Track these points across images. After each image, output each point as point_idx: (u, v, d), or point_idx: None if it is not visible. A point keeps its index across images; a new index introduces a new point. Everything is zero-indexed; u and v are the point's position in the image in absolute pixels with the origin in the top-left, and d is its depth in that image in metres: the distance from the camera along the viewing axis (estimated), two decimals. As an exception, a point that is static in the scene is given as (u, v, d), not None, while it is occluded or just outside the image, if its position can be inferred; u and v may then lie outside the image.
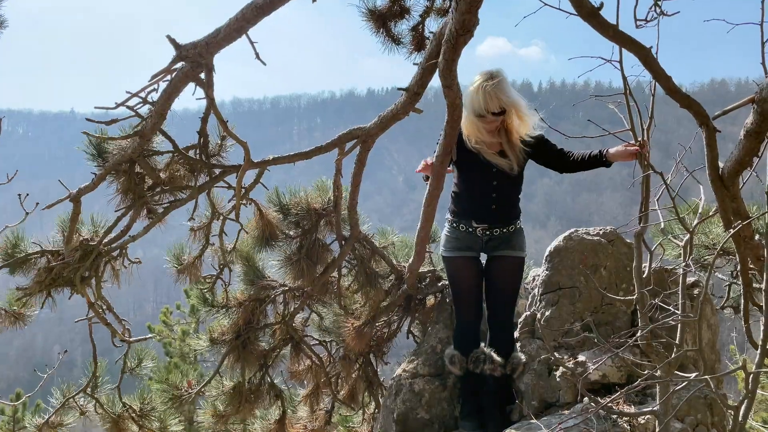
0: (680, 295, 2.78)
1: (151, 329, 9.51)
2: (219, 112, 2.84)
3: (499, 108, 2.81)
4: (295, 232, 3.30)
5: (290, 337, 3.48)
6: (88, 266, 2.97)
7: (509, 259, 3.11)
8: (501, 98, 2.79)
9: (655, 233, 3.54)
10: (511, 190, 3.07)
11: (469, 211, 3.08)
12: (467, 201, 3.09)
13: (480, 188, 3.04)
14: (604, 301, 3.65)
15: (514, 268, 3.14)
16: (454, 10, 2.12)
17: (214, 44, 2.73)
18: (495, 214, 3.05)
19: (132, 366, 3.37)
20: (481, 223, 3.05)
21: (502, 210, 3.05)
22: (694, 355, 3.29)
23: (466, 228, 3.08)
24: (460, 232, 3.11)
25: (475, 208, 3.07)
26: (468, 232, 3.08)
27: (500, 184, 3.01)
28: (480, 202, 3.05)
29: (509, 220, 3.08)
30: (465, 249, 3.12)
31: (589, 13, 1.88)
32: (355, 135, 3.18)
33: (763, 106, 2.16)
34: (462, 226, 3.09)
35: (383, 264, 3.55)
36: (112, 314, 3.17)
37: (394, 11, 3.46)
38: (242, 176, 3.00)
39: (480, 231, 3.06)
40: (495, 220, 3.05)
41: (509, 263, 3.12)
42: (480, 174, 3.01)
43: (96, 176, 2.92)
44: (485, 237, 3.07)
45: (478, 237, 3.08)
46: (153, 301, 63.15)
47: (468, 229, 3.07)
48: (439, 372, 3.51)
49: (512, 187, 3.07)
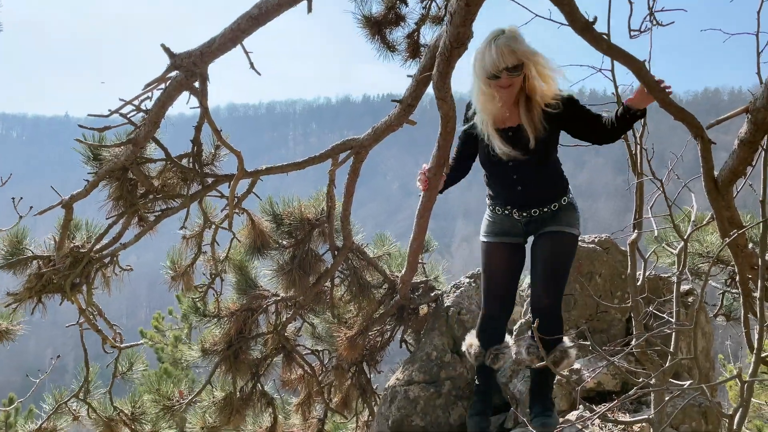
0: (675, 303, 2.79)
1: (143, 334, 9.47)
2: (213, 121, 2.83)
3: (516, 61, 2.40)
4: (288, 241, 3.29)
5: (282, 346, 3.46)
6: (79, 273, 2.95)
7: (552, 234, 2.68)
8: (516, 50, 2.39)
9: (650, 241, 3.55)
10: (539, 171, 2.65)
11: (500, 199, 2.75)
12: (494, 188, 2.77)
13: (502, 180, 2.71)
14: (599, 309, 3.66)
15: (558, 243, 2.68)
16: (449, 23, 2.12)
17: (208, 54, 2.73)
18: (527, 200, 2.68)
19: (123, 370, 3.35)
20: (514, 208, 2.72)
21: (532, 195, 2.68)
22: (688, 363, 3.30)
23: (502, 211, 2.75)
24: (497, 215, 2.78)
25: (505, 195, 2.73)
26: (505, 215, 2.75)
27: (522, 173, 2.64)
28: (507, 192, 2.71)
29: (546, 201, 2.68)
30: (501, 234, 2.77)
31: (583, 27, 1.88)
32: (349, 146, 3.17)
33: (757, 116, 2.17)
34: (498, 209, 2.77)
35: (376, 274, 3.53)
36: (103, 320, 3.14)
37: (390, 18, 3.47)
38: (235, 186, 2.99)
39: (516, 214, 2.72)
40: (528, 204, 2.69)
41: (552, 238, 2.68)
42: (498, 167, 2.66)
43: (88, 183, 2.90)
44: (523, 219, 2.72)
45: (516, 220, 2.73)
46: (146, 306, 62.88)
47: (504, 212, 2.74)
48: (434, 379, 3.51)
49: (539, 168, 2.64)
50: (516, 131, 2.61)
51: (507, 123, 2.61)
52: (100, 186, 2.93)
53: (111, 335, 3.17)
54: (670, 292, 3.17)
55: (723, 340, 4.59)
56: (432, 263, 3.86)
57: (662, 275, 3.74)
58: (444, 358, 3.56)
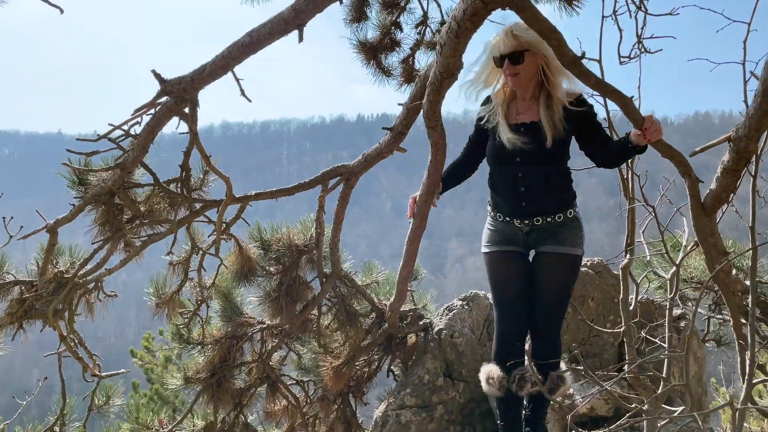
0: (667, 328, 2.78)
1: (133, 354, 9.32)
2: (202, 146, 2.82)
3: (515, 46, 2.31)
4: (275, 268, 3.26)
5: (267, 376, 3.40)
6: (62, 299, 2.90)
7: (554, 256, 2.53)
8: (520, 35, 2.30)
9: (641, 265, 3.55)
10: (545, 175, 2.49)
11: (501, 204, 2.61)
12: (498, 190, 2.62)
13: (506, 179, 2.55)
14: (592, 333, 3.64)
15: (561, 265, 2.53)
16: (439, 53, 2.15)
17: (199, 80, 2.74)
18: (529, 205, 2.52)
19: (99, 404, 3.25)
20: (516, 217, 2.56)
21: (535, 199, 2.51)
22: (681, 388, 3.27)
23: (503, 218, 2.60)
24: (498, 222, 2.63)
25: (506, 203, 2.58)
26: (506, 222, 2.59)
27: (528, 172, 2.48)
28: (510, 193, 2.55)
29: (549, 210, 2.52)
30: (504, 242, 2.61)
31: (571, 61, 1.92)
32: (339, 172, 3.17)
33: (739, 145, 2.20)
34: (499, 215, 2.61)
35: (364, 302, 3.50)
36: (83, 348, 3.07)
37: (385, 44, 3.51)
38: (223, 211, 2.97)
39: (518, 221, 2.55)
40: (531, 211, 2.53)
41: (554, 260, 2.53)
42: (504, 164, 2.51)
43: (74, 207, 2.87)
44: (525, 227, 2.55)
45: (517, 227, 2.57)
46: (135, 325, 62.08)
47: (506, 219, 2.59)
48: (426, 403, 3.46)
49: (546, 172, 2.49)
50: (529, 127, 2.47)
51: (521, 118, 2.49)
52: (86, 210, 2.90)
53: (91, 364, 3.10)
54: (662, 317, 3.17)
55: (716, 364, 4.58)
56: (420, 291, 3.83)
57: (654, 300, 3.74)
58: (436, 382, 3.52)
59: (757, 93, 2.07)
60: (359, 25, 3.55)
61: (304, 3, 2.57)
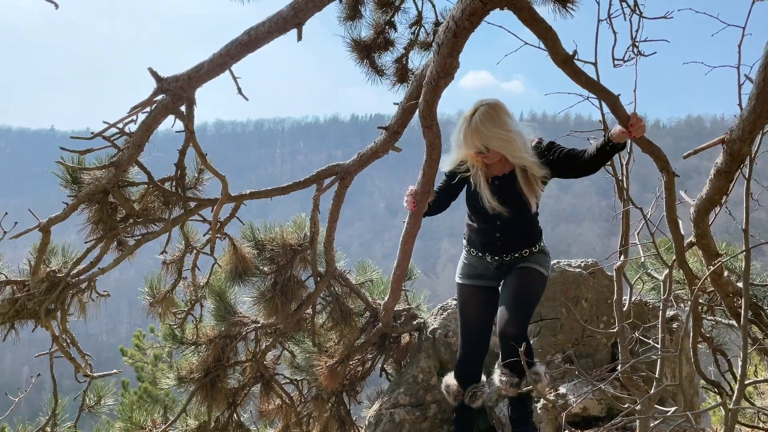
0: (660, 329, 2.79)
1: (123, 352, 9.28)
2: (198, 145, 2.80)
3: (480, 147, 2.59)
4: (269, 268, 3.24)
5: (261, 375, 3.39)
6: (54, 299, 2.87)
7: (522, 269, 2.81)
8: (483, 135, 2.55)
9: (633, 267, 3.57)
10: (518, 224, 2.80)
11: (476, 242, 2.90)
12: (473, 233, 2.91)
13: (484, 225, 2.83)
14: (585, 333, 3.65)
15: (527, 275, 2.79)
16: (436, 53, 2.15)
17: (196, 78, 2.72)
18: (502, 249, 2.82)
19: (90, 404, 3.22)
20: (488, 254, 2.86)
21: (509, 244, 2.82)
22: (673, 389, 3.29)
23: (476, 253, 2.90)
24: (471, 257, 2.94)
25: (482, 242, 2.87)
26: (479, 257, 2.89)
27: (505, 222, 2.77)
28: (485, 239, 2.85)
29: (520, 248, 2.82)
30: (476, 276, 2.92)
31: (564, 60, 1.95)
32: (334, 171, 3.16)
33: (733, 147, 2.22)
34: (473, 251, 2.91)
35: (358, 301, 3.49)
36: (75, 348, 3.04)
37: (379, 43, 3.50)
38: (218, 210, 2.95)
39: (489, 257, 2.86)
40: (503, 252, 2.83)
41: (521, 271, 2.80)
42: (483, 214, 2.79)
43: (67, 206, 2.84)
44: (495, 263, 2.86)
45: (488, 263, 2.88)
46: (127, 323, 61.75)
47: (478, 254, 2.89)
48: (420, 402, 3.46)
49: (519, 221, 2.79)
50: (502, 180, 2.76)
51: (493, 172, 2.76)
52: (79, 209, 2.87)
53: (83, 364, 3.07)
54: (656, 318, 3.18)
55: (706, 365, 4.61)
56: (414, 291, 3.84)
57: (647, 301, 3.76)
58: (430, 381, 3.53)
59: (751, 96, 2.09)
60: (353, 23, 3.54)
61: (303, 1, 2.55)
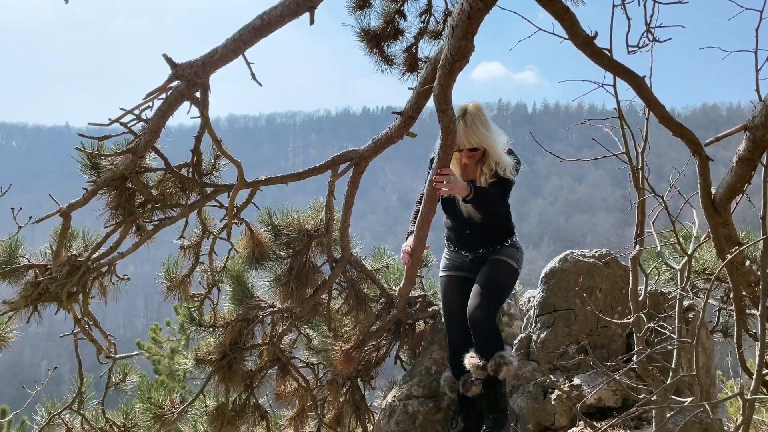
0: (677, 319, 2.76)
1: (140, 346, 9.40)
2: (213, 131, 2.83)
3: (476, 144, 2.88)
4: (285, 252, 3.27)
5: (277, 358, 3.42)
6: (76, 282, 2.93)
7: (493, 260, 3.10)
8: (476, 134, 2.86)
9: (649, 256, 3.53)
10: (489, 224, 3.09)
11: (453, 239, 3.22)
12: (450, 231, 3.23)
13: (459, 225, 3.13)
14: (600, 324, 3.63)
15: (496, 265, 3.08)
16: (450, 36, 2.13)
17: (210, 64, 2.74)
18: (474, 245, 3.14)
19: (116, 381, 3.31)
20: (462, 249, 3.19)
21: (479, 240, 3.12)
22: (689, 379, 3.26)
23: (454, 248, 3.22)
24: (451, 252, 3.25)
25: (457, 239, 3.19)
26: (456, 252, 3.22)
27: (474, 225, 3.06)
28: (459, 236, 3.16)
29: (490, 244, 3.13)
30: (454, 269, 3.22)
31: (584, 42, 1.90)
32: (349, 157, 3.17)
33: (755, 134, 2.17)
34: (452, 246, 3.24)
35: (374, 287, 3.51)
36: (98, 330, 3.10)
37: (388, 32, 3.48)
38: (235, 196, 2.98)
39: (464, 251, 3.18)
40: (475, 248, 3.15)
41: (492, 262, 3.09)
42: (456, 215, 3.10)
43: (87, 191, 2.89)
44: (470, 256, 3.17)
45: (464, 256, 3.19)
46: (143, 317, 62.56)
47: (455, 249, 3.22)
48: (433, 393, 3.47)
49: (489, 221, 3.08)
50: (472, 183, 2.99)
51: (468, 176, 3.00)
52: (98, 195, 2.92)
53: (106, 345, 3.14)
54: (671, 308, 3.15)
55: (722, 356, 4.57)
56: (430, 279, 3.84)
57: (663, 291, 3.72)
58: (443, 372, 3.53)
59: (774, 79, 2.05)
60: (363, 12, 3.51)
61: (315, -15, 2.54)
